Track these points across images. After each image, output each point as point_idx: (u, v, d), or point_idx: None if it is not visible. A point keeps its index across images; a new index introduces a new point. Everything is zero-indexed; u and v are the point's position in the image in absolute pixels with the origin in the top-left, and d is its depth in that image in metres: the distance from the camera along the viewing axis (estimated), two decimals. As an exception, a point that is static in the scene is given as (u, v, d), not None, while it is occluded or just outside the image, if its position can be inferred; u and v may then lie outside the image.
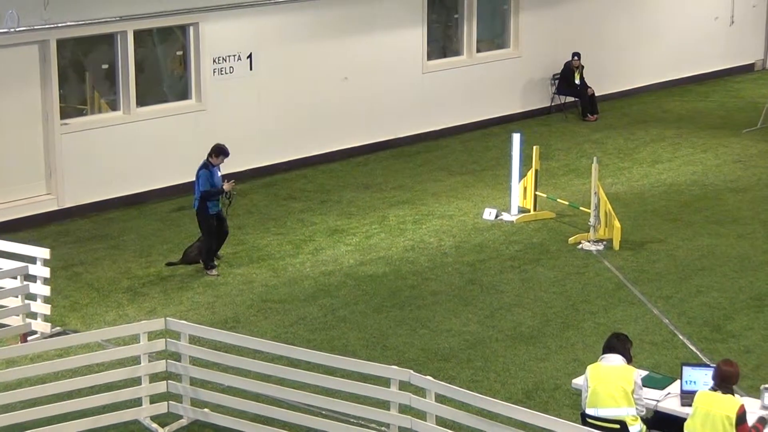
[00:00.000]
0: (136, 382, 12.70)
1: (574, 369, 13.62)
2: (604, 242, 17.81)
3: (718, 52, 29.27)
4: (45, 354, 13.87)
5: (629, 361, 11.21)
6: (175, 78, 20.75)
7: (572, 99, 25.72)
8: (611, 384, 10.96)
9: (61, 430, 12.23)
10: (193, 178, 16.68)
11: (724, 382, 10.68)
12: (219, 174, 16.96)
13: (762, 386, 11.31)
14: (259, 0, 20.89)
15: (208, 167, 16.82)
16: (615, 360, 11.12)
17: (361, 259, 17.42)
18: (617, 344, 11.24)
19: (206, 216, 16.85)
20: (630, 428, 10.86)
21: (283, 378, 12.48)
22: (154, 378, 12.85)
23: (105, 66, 19.78)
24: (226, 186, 16.84)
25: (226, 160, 17.00)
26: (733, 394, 10.72)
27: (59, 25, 18.62)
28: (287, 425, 12.30)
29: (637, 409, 10.96)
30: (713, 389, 10.72)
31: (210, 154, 16.90)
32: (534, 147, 19.12)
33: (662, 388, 11.55)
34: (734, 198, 20.08)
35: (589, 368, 11.19)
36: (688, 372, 11.39)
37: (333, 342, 14.65)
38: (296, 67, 21.65)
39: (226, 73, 20.78)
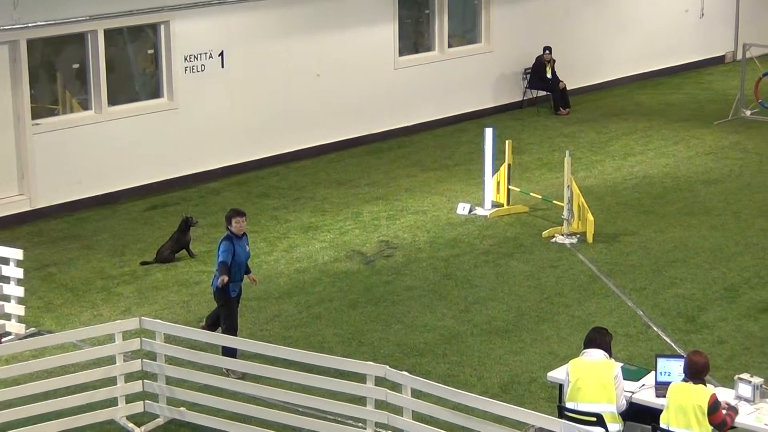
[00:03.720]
0: (111, 381, 12.67)
1: (549, 362, 13.67)
2: (578, 235, 17.86)
3: (689, 44, 29.38)
4: (20, 355, 13.82)
5: (610, 354, 11.25)
6: (147, 76, 20.69)
7: (544, 93, 25.75)
8: (592, 379, 10.96)
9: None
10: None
11: (694, 373, 10.72)
12: (247, 247, 13.92)
13: (736, 376, 11.37)
14: (229, -3, 20.87)
15: (230, 239, 13.73)
16: (596, 355, 11.15)
17: (336, 256, 17.42)
18: (598, 338, 11.29)
19: (225, 297, 13.77)
20: (609, 426, 10.87)
21: (259, 375, 12.49)
22: (130, 378, 12.83)
23: (76, 65, 19.70)
24: (219, 282, 13.56)
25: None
26: (705, 384, 10.77)
27: (29, 25, 18.54)
28: (264, 423, 12.29)
29: (617, 404, 10.97)
30: (685, 380, 10.77)
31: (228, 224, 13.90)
32: (506, 141, 19.16)
33: (637, 379, 11.59)
34: (706, 190, 20.16)
35: (571, 363, 11.21)
36: (663, 363, 11.44)
37: (309, 339, 14.65)
38: (268, 64, 21.62)
39: (197, 71, 20.73)
